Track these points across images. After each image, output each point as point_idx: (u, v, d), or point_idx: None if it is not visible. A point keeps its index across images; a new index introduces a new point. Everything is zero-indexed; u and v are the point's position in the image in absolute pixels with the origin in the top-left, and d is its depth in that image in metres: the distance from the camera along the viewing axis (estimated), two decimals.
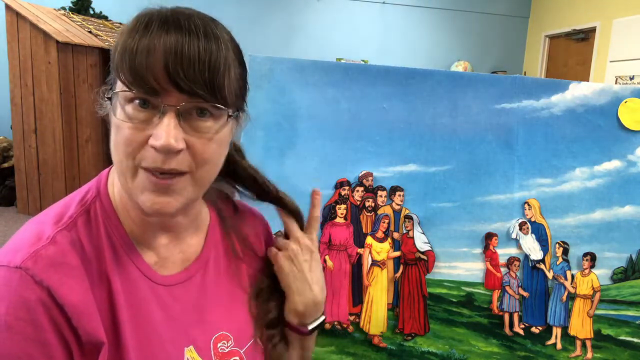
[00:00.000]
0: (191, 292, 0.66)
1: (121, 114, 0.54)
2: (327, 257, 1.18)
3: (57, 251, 0.55)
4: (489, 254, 1.19)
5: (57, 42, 3.83)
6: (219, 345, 0.67)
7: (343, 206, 1.18)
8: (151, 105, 0.53)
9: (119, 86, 0.54)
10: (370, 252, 1.19)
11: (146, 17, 0.54)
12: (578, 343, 1.19)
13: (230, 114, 0.58)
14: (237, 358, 0.69)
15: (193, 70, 0.52)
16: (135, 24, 0.54)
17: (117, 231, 0.61)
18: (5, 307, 0.50)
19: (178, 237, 0.67)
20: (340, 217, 1.18)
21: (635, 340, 1.19)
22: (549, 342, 1.19)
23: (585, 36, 6.06)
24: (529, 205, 1.20)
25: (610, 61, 5.57)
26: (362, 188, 1.19)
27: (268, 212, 0.81)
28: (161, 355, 0.61)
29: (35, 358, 0.51)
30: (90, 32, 4.37)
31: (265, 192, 0.77)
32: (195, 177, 0.57)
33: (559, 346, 1.19)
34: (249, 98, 0.64)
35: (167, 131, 0.52)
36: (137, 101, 0.53)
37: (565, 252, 1.20)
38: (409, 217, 1.19)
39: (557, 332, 1.19)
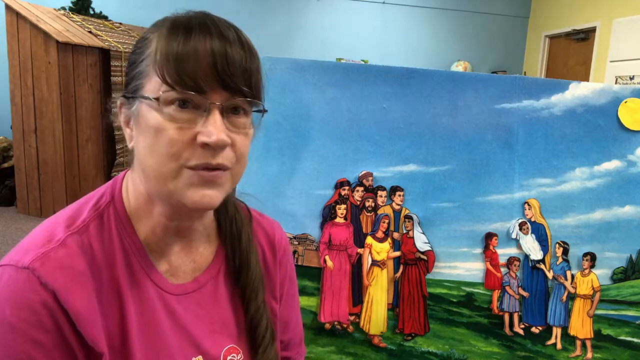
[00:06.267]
0: (201, 302, 0.66)
1: (161, 116, 0.55)
2: (327, 257, 1.18)
3: (66, 254, 0.55)
4: (489, 254, 1.19)
5: (57, 42, 3.82)
6: (229, 358, 0.67)
7: (343, 206, 1.18)
8: (192, 106, 0.55)
9: (157, 88, 0.55)
10: (370, 252, 1.19)
11: (182, 22, 0.56)
12: (578, 343, 1.19)
13: (265, 108, 0.62)
14: None
15: (236, 70, 0.56)
16: (173, 29, 0.56)
17: (130, 238, 0.61)
18: (9, 308, 0.51)
19: (191, 245, 0.67)
20: (340, 217, 1.18)
21: (635, 340, 1.19)
22: (549, 342, 1.19)
23: (585, 36, 6.06)
24: (529, 205, 1.19)
25: (610, 61, 5.56)
26: (362, 188, 1.19)
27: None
28: None
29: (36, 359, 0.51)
30: (90, 32, 4.37)
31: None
32: (233, 173, 0.60)
33: (559, 346, 1.19)
34: None
35: (217, 127, 0.55)
36: (177, 102, 0.55)
37: (565, 252, 1.20)
38: (409, 217, 1.19)
39: (557, 332, 1.19)
